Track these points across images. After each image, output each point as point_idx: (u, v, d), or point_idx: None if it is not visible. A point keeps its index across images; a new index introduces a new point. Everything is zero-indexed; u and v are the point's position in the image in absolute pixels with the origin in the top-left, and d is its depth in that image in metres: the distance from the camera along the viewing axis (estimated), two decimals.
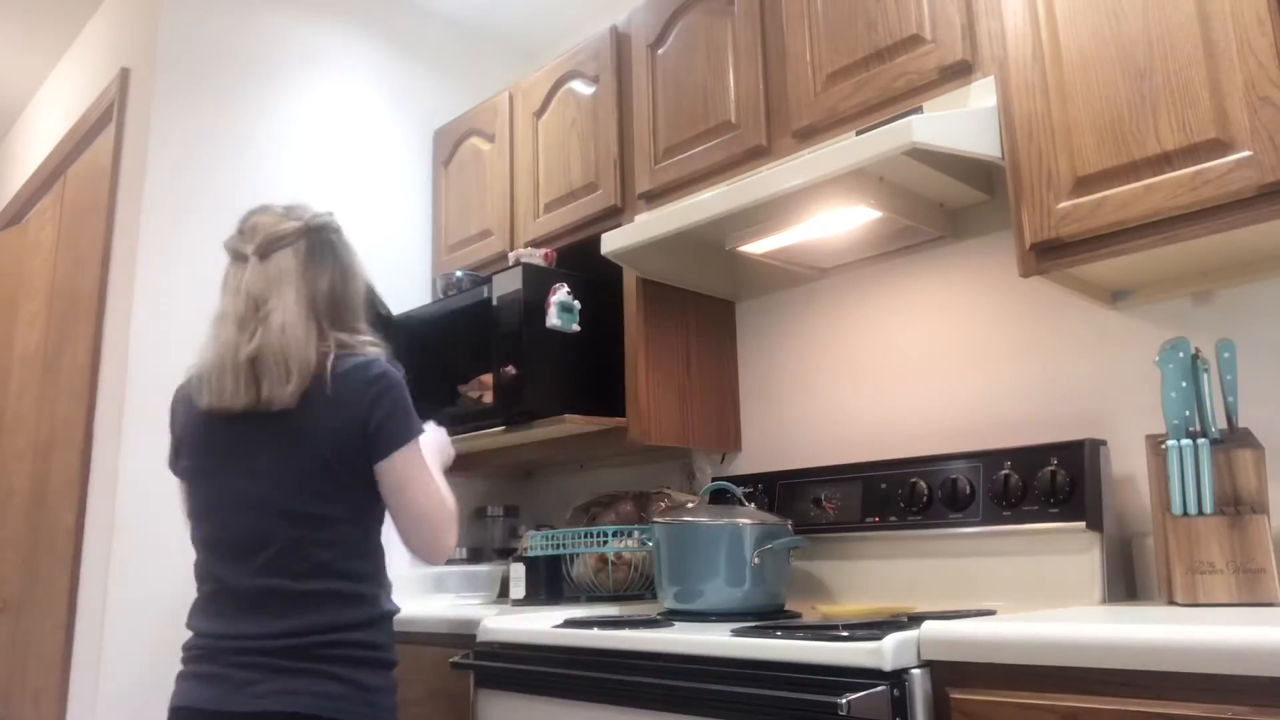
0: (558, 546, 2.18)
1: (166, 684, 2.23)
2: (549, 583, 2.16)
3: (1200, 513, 1.38)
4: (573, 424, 2.21)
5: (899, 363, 2.03)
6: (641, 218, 2.10)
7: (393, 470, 1.44)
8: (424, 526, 1.48)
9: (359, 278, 1.64)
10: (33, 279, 3.19)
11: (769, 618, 1.67)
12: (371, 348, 1.52)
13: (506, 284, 2.27)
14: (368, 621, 1.48)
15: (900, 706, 1.14)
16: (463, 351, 2.40)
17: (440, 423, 2.50)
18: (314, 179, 2.74)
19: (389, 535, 1.54)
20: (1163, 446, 1.43)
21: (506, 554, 2.59)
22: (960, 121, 1.54)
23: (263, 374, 1.42)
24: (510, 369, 2.20)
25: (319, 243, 1.61)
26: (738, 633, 1.34)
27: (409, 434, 1.46)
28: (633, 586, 2.15)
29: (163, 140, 2.47)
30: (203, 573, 1.45)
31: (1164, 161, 1.36)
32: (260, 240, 1.57)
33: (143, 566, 2.25)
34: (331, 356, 1.45)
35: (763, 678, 1.25)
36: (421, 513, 1.47)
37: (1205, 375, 1.43)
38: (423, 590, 2.38)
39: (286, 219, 1.61)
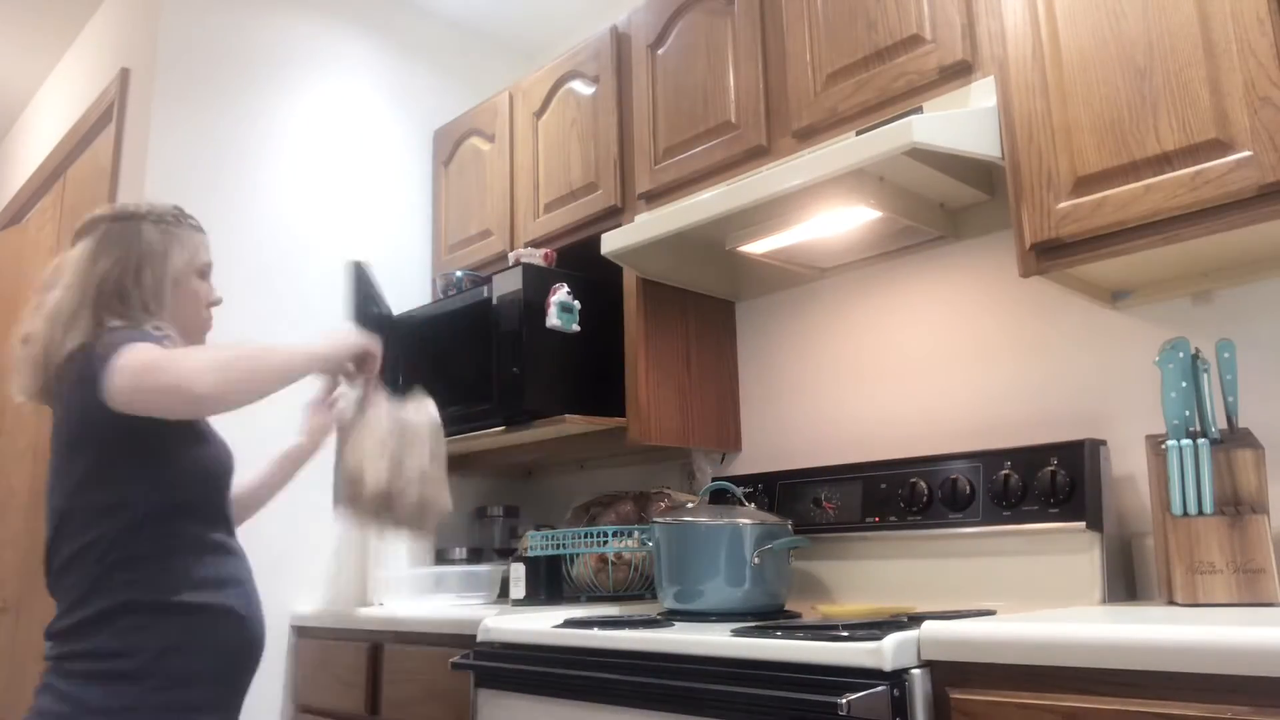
0: (558, 546, 2.18)
1: None
2: (549, 583, 2.16)
3: (1200, 513, 1.37)
4: (573, 424, 2.21)
5: (899, 363, 2.03)
6: (641, 218, 2.10)
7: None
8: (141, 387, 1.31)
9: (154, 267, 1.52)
10: (33, 279, 3.19)
11: (769, 618, 1.67)
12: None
13: (506, 284, 2.27)
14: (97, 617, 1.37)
15: (900, 706, 1.14)
16: (462, 352, 2.40)
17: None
18: (314, 179, 2.74)
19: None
20: (1163, 446, 1.43)
21: (506, 554, 2.59)
22: (960, 121, 1.54)
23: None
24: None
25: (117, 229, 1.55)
26: (738, 633, 1.34)
27: (108, 351, 1.33)
28: (633, 586, 2.15)
29: (163, 140, 2.47)
30: None
31: (1164, 161, 1.36)
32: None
33: None
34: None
35: (763, 678, 1.25)
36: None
37: (1205, 375, 1.43)
38: (422, 590, 2.38)
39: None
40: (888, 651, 1.15)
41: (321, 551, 2.57)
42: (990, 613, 1.41)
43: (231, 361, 1.33)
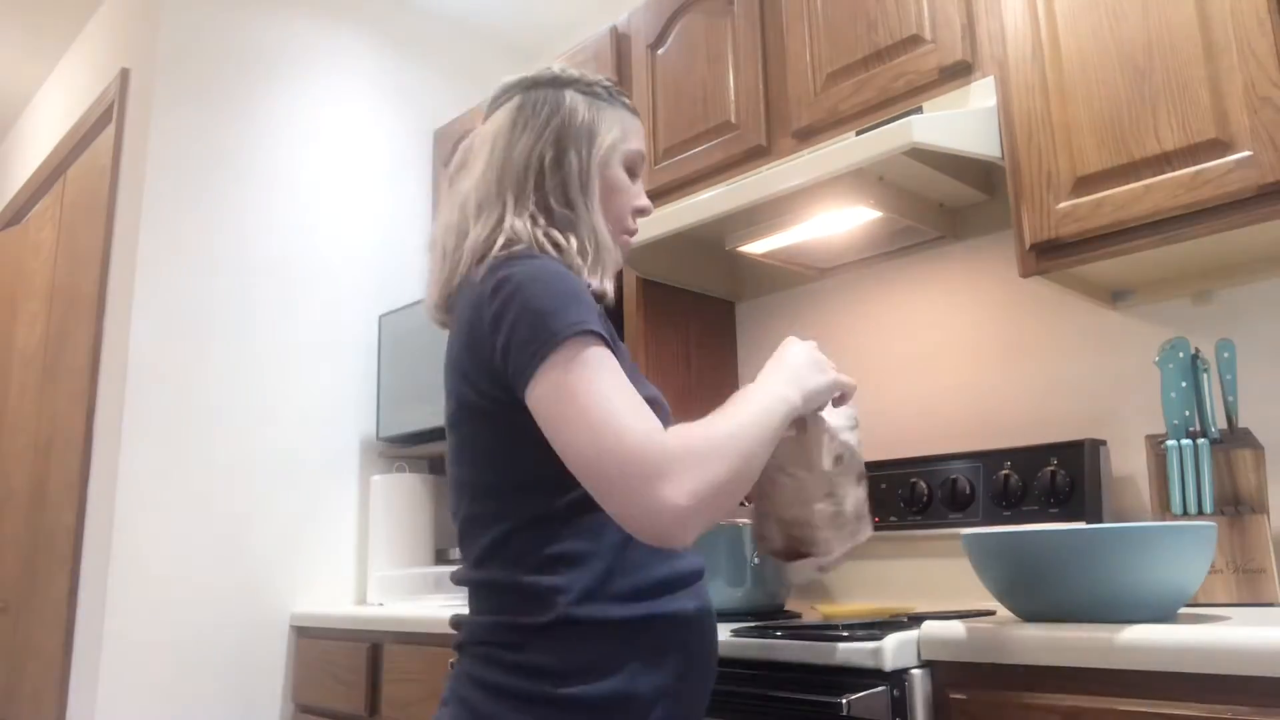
0: None
1: (165, 684, 2.23)
2: None
3: (1200, 513, 1.37)
4: None
5: (899, 363, 2.03)
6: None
7: (536, 409, 0.95)
8: (592, 480, 0.90)
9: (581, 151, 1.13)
10: (33, 279, 3.19)
11: (769, 618, 1.67)
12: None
13: None
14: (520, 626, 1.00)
15: (900, 707, 1.14)
16: None
17: (427, 424, 2.51)
18: (314, 179, 2.74)
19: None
20: (1163, 446, 1.43)
21: None
22: (960, 121, 1.54)
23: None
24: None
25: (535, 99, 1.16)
26: (738, 633, 1.34)
27: (541, 349, 0.94)
28: None
29: (163, 140, 2.47)
30: None
31: (1164, 161, 1.36)
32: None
33: (143, 567, 2.25)
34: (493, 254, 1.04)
35: (763, 678, 1.25)
36: (579, 460, 0.90)
37: (1205, 375, 1.43)
38: (422, 590, 2.38)
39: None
40: (888, 651, 1.15)
41: (321, 551, 2.57)
42: (990, 613, 1.41)
43: (714, 458, 0.89)
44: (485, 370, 1.00)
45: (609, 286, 1.09)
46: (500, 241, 1.04)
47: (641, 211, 1.20)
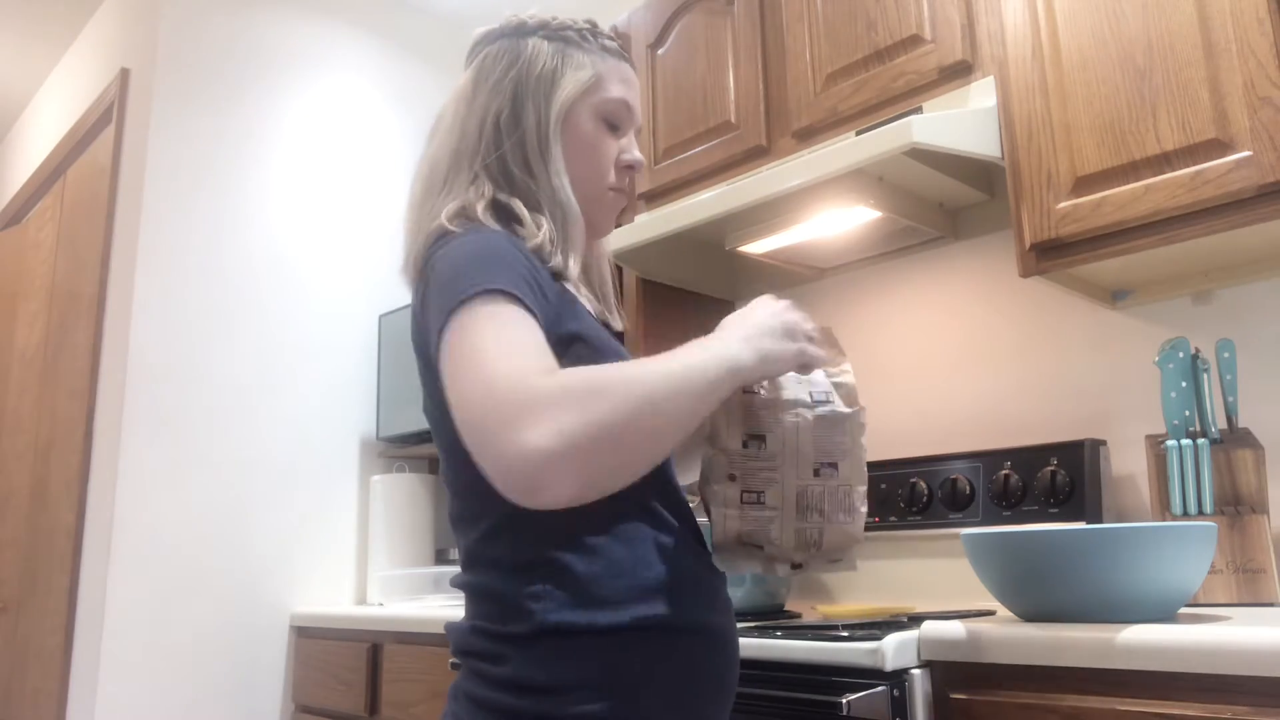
0: None
1: (165, 684, 2.23)
2: None
3: (1200, 513, 1.37)
4: None
5: (899, 363, 2.03)
6: (641, 218, 2.10)
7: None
8: (465, 435, 0.77)
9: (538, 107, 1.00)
10: (33, 279, 3.19)
11: (769, 618, 1.67)
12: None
13: None
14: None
15: (900, 707, 1.14)
16: None
17: (426, 424, 2.50)
18: (314, 179, 2.74)
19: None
20: (1163, 446, 1.43)
21: None
22: (960, 121, 1.54)
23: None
24: None
25: (496, 51, 1.03)
26: (738, 633, 1.34)
27: (441, 319, 0.83)
28: None
29: (163, 140, 2.47)
30: None
31: (1164, 161, 1.36)
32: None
33: (143, 566, 2.25)
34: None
35: (763, 678, 1.25)
36: (457, 419, 0.78)
37: (1205, 375, 1.43)
38: (421, 590, 2.38)
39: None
40: (888, 651, 1.15)
41: (321, 551, 2.57)
42: (990, 613, 1.41)
43: (595, 396, 0.75)
44: (427, 360, 0.92)
45: (573, 263, 0.97)
46: (449, 217, 0.93)
47: (630, 167, 1.05)
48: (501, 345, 0.78)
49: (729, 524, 0.97)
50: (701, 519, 1.03)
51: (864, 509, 0.99)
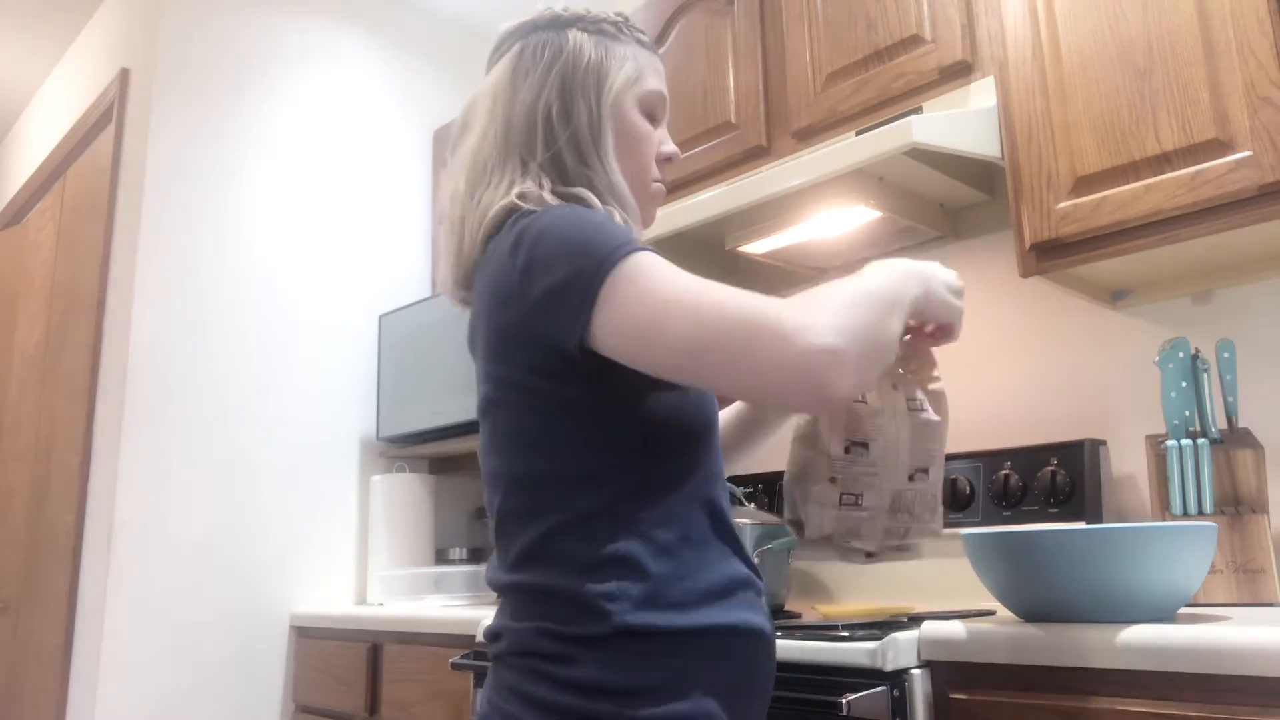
0: None
1: (165, 684, 2.23)
2: None
3: (1200, 513, 1.37)
4: None
5: None
6: None
7: (610, 341, 0.85)
8: (712, 367, 0.80)
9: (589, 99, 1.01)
10: (33, 279, 3.19)
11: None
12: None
13: None
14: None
15: (900, 707, 1.14)
16: (462, 351, 2.40)
17: (427, 424, 2.51)
18: (314, 179, 2.74)
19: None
20: (1163, 446, 1.43)
21: None
22: (960, 121, 1.54)
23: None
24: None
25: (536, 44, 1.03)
26: None
27: (590, 283, 0.84)
28: None
29: (163, 140, 2.47)
30: None
31: (1164, 161, 1.36)
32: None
33: (143, 566, 2.25)
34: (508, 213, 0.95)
35: None
36: (684, 354, 0.81)
37: (1205, 375, 1.43)
38: (422, 590, 2.38)
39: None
40: (888, 651, 1.15)
41: (321, 551, 2.57)
42: (990, 613, 1.41)
43: (850, 306, 0.81)
44: (522, 335, 0.89)
45: None
46: (509, 205, 0.95)
47: (668, 158, 1.06)
48: (698, 282, 0.83)
49: (825, 523, 1.03)
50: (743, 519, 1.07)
51: (941, 508, 1.09)
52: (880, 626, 1.27)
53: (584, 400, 0.88)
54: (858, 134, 1.62)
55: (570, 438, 0.89)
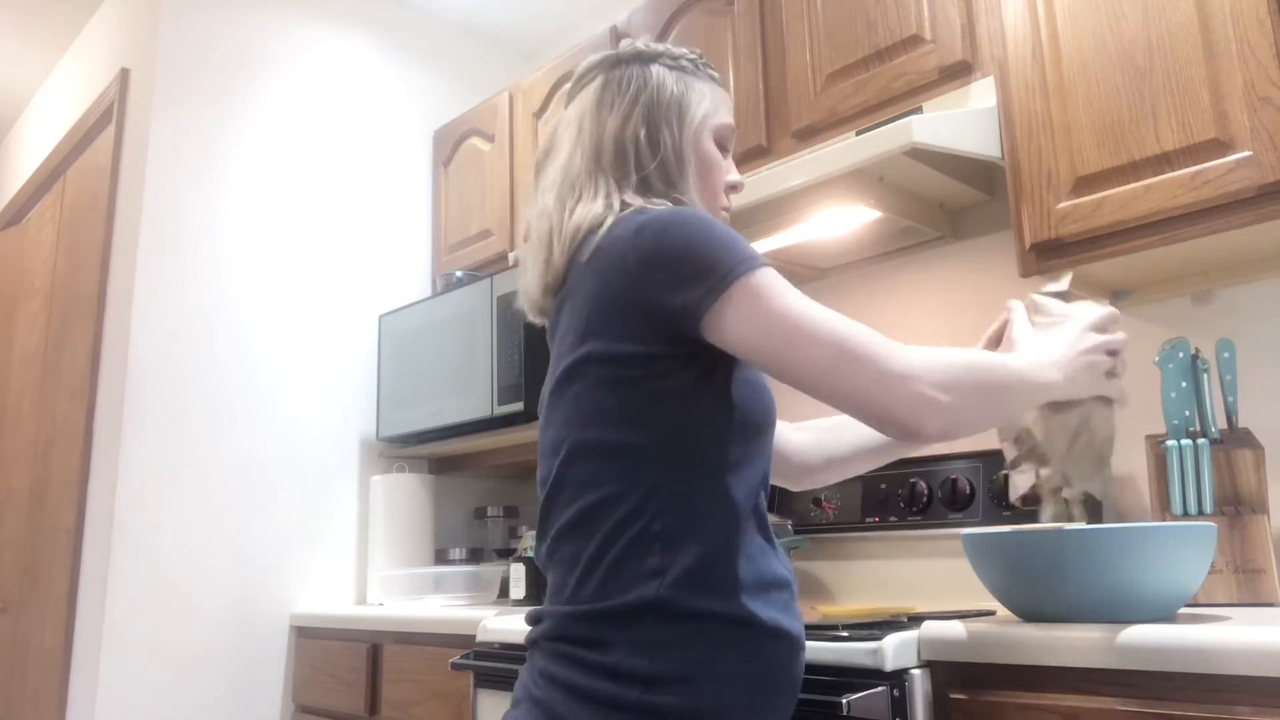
0: None
1: (165, 684, 2.23)
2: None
3: (1200, 513, 1.37)
4: None
5: None
6: None
7: (738, 335, 0.92)
8: (839, 383, 0.89)
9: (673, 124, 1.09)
10: (33, 279, 3.19)
11: None
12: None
13: (506, 284, 2.27)
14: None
15: (900, 707, 1.14)
16: (462, 351, 2.40)
17: (427, 424, 2.51)
18: (314, 179, 2.74)
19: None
20: (1163, 446, 1.43)
21: (506, 554, 2.59)
22: (960, 121, 1.54)
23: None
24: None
25: (620, 76, 1.12)
26: None
27: (725, 277, 0.91)
28: None
29: (163, 140, 2.47)
30: None
31: (1164, 161, 1.36)
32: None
33: (143, 566, 2.25)
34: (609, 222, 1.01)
35: None
36: (818, 369, 0.89)
37: (1205, 375, 1.43)
38: (422, 590, 2.38)
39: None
40: (888, 651, 1.15)
41: (321, 551, 2.57)
42: (990, 613, 1.41)
43: (970, 369, 0.92)
44: (632, 305, 0.94)
45: None
46: (612, 218, 1.00)
47: (734, 188, 1.15)
48: (833, 315, 0.91)
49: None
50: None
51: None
52: (880, 626, 1.27)
53: (666, 379, 0.93)
54: (858, 134, 1.62)
55: (643, 412, 0.93)
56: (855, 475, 1.32)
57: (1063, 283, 1.21)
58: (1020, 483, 1.17)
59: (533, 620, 0.99)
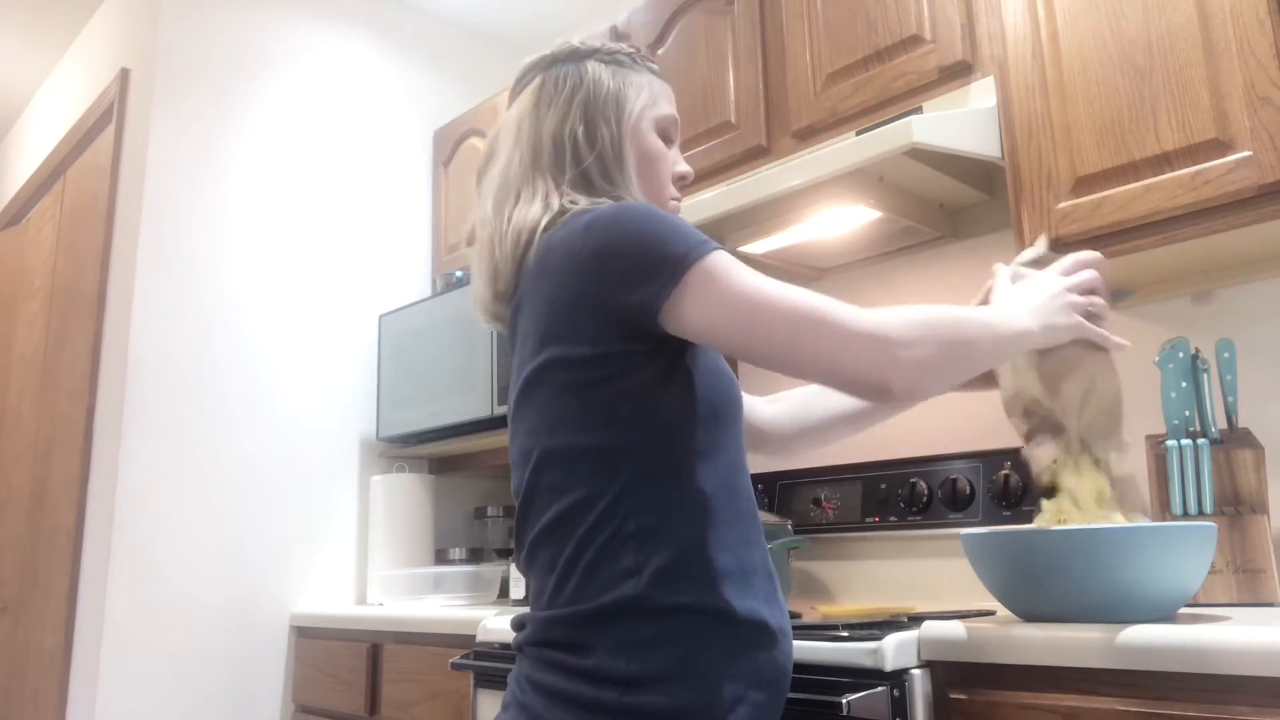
0: None
1: (165, 684, 2.23)
2: None
3: (1200, 513, 1.37)
4: None
5: None
6: None
7: (697, 321, 0.92)
8: (804, 359, 0.90)
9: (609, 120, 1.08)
10: (33, 279, 3.19)
11: None
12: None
13: None
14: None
15: (900, 707, 1.14)
16: (461, 350, 2.40)
17: (427, 424, 2.51)
18: (314, 179, 2.74)
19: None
20: (1163, 446, 1.43)
21: (506, 554, 2.59)
22: (960, 121, 1.54)
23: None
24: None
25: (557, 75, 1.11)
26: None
27: (680, 264, 0.91)
28: None
29: (163, 140, 2.47)
30: None
31: (1164, 161, 1.36)
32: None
33: (142, 566, 2.25)
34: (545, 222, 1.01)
35: None
36: (782, 347, 0.90)
37: (1205, 375, 1.43)
38: (422, 590, 2.38)
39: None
40: (888, 651, 1.15)
41: (321, 552, 2.57)
42: (990, 613, 1.41)
43: (933, 323, 0.91)
44: (585, 307, 0.93)
45: None
46: (550, 218, 1.00)
47: (682, 178, 1.14)
48: (791, 290, 0.92)
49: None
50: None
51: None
52: (880, 626, 1.27)
53: (629, 377, 0.92)
54: (858, 134, 1.62)
55: (608, 414, 0.93)
56: (834, 442, 1.32)
57: (1038, 247, 1.21)
58: (1041, 455, 1.16)
59: (516, 626, 1.00)
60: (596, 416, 0.93)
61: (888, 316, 0.89)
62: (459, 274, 2.60)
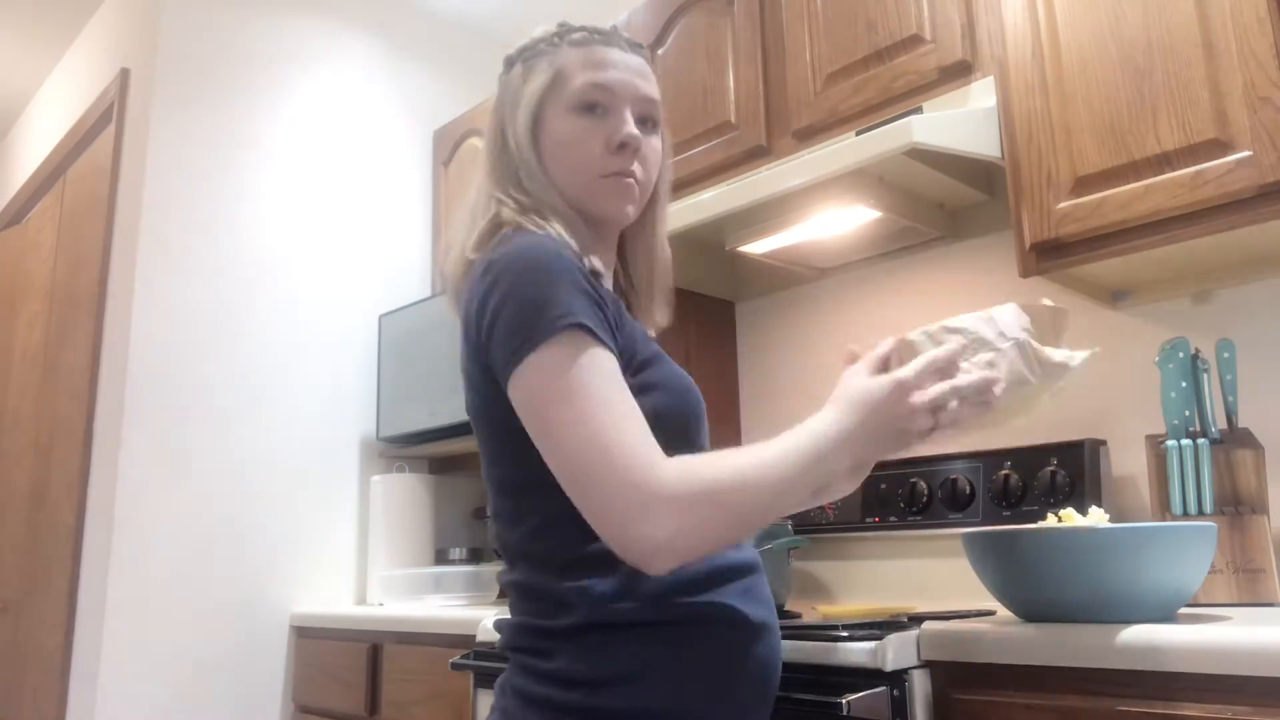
0: None
1: (166, 685, 2.23)
2: None
3: (1200, 513, 1.37)
4: None
5: None
6: None
7: (520, 404, 0.89)
8: (574, 492, 0.85)
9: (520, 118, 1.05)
10: (33, 279, 3.19)
11: None
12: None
13: None
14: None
15: (900, 707, 1.14)
16: (460, 350, 2.39)
17: (427, 424, 2.51)
18: (314, 179, 2.74)
19: None
20: (1163, 446, 1.43)
21: None
22: (960, 121, 1.54)
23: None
24: None
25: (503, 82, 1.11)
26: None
27: (525, 342, 0.87)
28: None
29: (163, 140, 2.47)
30: None
31: (1164, 162, 1.36)
32: None
33: (143, 567, 2.25)
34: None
35: None
36: (563, 469, 0.86)
37: (1205, 375, 1.43)
38: (422, 590, 2.38)
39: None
40: (888, 651, 1.15)
41: (321, 552, 2.57)
42: (990, 613, 1.41)
43: (713, 494, 0.82)
44: (479, 361, 0.95)
45: (595, 261, 0.99)
46: (488, 228, 1.02)
47: (623, 144, 1.01)
48: (608, 412, 0.84)
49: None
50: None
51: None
52: (880, 626, 1.27)
53: None
54: (858, 134, 1.62)
55: (532, 449, 0.89)
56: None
57: (955, 319, 1.05)
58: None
59: (496, 630, 1.02)
60: (517, 452, 0.91)
61: (671, 493, 0.81)
62: None
